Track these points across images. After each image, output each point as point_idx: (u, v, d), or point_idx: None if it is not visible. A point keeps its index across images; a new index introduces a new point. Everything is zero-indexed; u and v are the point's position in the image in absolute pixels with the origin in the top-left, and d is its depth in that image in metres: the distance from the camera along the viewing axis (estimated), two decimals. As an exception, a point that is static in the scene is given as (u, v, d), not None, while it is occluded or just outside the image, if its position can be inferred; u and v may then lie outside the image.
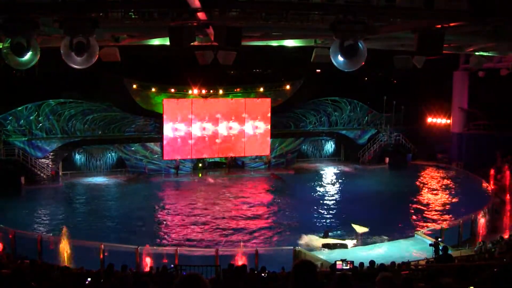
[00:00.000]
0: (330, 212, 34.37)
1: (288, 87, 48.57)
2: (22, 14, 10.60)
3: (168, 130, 44.43)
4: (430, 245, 22.62)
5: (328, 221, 32.45)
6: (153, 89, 44.82)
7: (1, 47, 11.10)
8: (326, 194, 38.63)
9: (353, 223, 28.65)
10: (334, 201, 36.88)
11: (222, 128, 46.10)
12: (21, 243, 24.06)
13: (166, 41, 16.02)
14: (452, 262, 17.86)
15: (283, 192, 39.81)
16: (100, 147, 46.20)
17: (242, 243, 25.61)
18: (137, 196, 38.63)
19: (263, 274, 16.05)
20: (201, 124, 45.36)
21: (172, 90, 45.36)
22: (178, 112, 44.63)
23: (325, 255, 23.82)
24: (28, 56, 10.68)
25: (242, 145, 46.95)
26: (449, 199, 38.35)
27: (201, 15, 12.73)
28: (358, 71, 11.58)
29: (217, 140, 46.11)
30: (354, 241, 27.70)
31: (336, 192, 39.56)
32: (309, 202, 36.26)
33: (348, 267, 17.20)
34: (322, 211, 34.41)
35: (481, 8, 10.47)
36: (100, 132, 43.29)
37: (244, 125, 46.64)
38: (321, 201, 36.74)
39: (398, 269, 16.32)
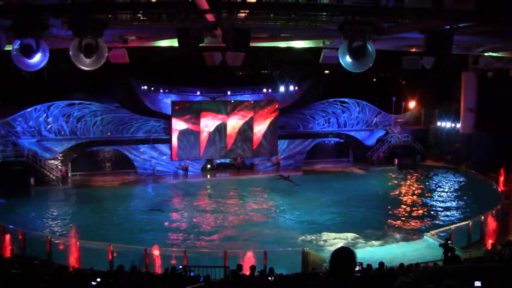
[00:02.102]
0: (339, 213, 34.23)
1: (296, 88, 48.58)
2: (31, 15, 10.64)
3: (176, 131, 44.44)
4: (441, 245, 22.48)
5: (336, 222, 32.35)
6: (161, 90, 44.93)
7: (10, 48, 11.14)
8: (334, 195, 38.44)
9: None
10: (343, 202, 36.70)
11: (230, 129, 46.09)
12: (31, 244, 24.13)
13: (174, 42, 16.04)
14: (459, 263, 17.76)
15: (291, 193, 39.74)
16: (108, 148, 46.32)
17: (250, 244, 25.57)
18: (146, 197, 38.74)
19: (269, 278, 15.98)
20: (209, 125, 45.36)
21: (180, 91, 45.47)
22: (187, 113, 44.64)
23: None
24: (37, 57, 10.72)
25: (250, 146, 46.96)
26: (458, 200, 38.22)
27: (209, 17, 12.76)
28: (366, 72, 11.54)
29: (225, 141, 46.12)
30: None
31: (344, 193, 39.34)
32: (317, 203, 36.16)
33: (357, 269, 17.12)
34: (331, 212, 34.28)
35: (489, 8, 10.43)
36: (108, 133, 43.36)
37: (253, 126, 46.63)
38: (329, 202, 36.59)
39: (407, 271, 16.25)
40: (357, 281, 5.35)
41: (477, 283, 9.28)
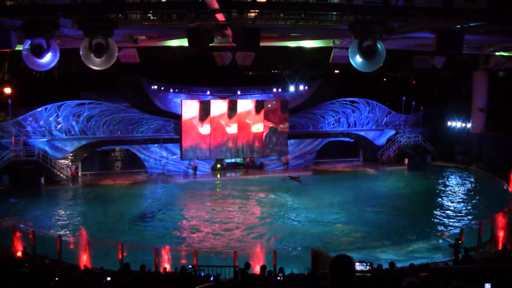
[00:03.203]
0: (349, 212, 34.15)
1: (306, 88, 48.55)
2: (42, 15, 10.69)
3: (186, 131, 44.47)
4: (450, 245, 22.39)
5: (344, 222, 32.29)
6: (172, 90, 45.01)
7: (21, 48, 11.21)
8: (344, 196, 38.36)
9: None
10: (353, 202, 36.60)
11: (240, 129, 46.08)
12: (41, 243, 24.23)
13: (184, 42, 16.07)
14: (472, 264, 17.69)
15: (301, 193, 39.65)
16: (118, 147, 46.38)
17: (259, 244, 25.55)
18: (156, 197, 38.79)
19: (278, 278, 15.97)
20: (219, 125, 45.39)
21: (190, 91, 45.54)
22: (196, 113, 44.67)
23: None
24: (47, 57, 10.76)
25: (260, 145, 46.94)
26: (469, 200, 38.02)
27: (219, 16, 12.76)
28: (376, 72, 11.53)
29: (235, 141, 46.13)
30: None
31: (354, 193, 39.23)
32: (328, 203, 36.10)
33: (367, 269, 17.08)
34: (341, 212, 34.20)
35: (500, 7, 10.38)
36: (118, 133, 43.43)
37: (262, 126, 46.62)
38: (340, 202, 36.51)
39: (417, 271, 16.20)
40: (366, 281, 5.33)
41: (487, 286, 9.22)
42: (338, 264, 5.22)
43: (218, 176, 45.22)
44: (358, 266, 16.96)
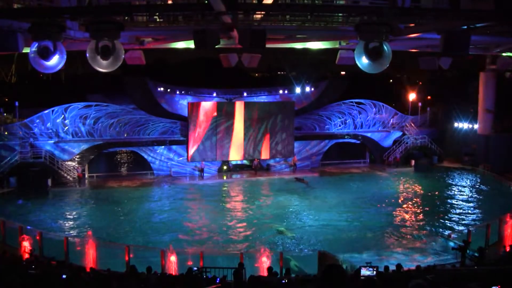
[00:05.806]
0: (356, 214, 34.08)
1: (312, 89, 48.48)
2: (49, 18, 10.71)
3: (193, 132, 44.49)
4: (453, 248, 22.24)
5: (351, 223, 32.24)
6: (178, 92, 45.01)
7: (28, 51, 11.25)
8: (351, 197, 38.28)
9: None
10: (360, 204, 36.52)
11: (247, 131, 46.07)
12: (48, 244, 24.28)
13: (191, 44, 16.08)
14: (482, 266, 17.61)
15: (308, 194, 39.59)
16: (125, 149, 46.40)
17: (266, 245, 25.50)
18: (162, 198, 38.78)
19: (282, 281, 15.91)
20: (225, 126, 45.40)
21: (197, 92, 45.53)
22: (203, 115, 44.69)
23: (349, 257, 23.62)
24: (54, 59, 10.79)
25: (267, 147, 46.91)
26: (476, 202, 37.88)
27: (225, 18, 12.76)
28: (383, 73, 11.51)
29: (242, 143, 46.12)
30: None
31: (361, 194, 39.15)
32: (335, 205, 36.03)
33: (373, 273, 16.98)
34: (348, 214, 34.13)
35: (508, 7, 10.34)
36: (125, 135, 43.50)
37: (269, 128, 46.58)
38: (347, 204, 36.44)
39: (424, 273, 16.15)
40: (373, 283, 5.29)
41: (494, 288, 9.15)
42: (330, 274, 5.18)
43: (225, 178, 45.22)
44: (364, 271, 16.87)
